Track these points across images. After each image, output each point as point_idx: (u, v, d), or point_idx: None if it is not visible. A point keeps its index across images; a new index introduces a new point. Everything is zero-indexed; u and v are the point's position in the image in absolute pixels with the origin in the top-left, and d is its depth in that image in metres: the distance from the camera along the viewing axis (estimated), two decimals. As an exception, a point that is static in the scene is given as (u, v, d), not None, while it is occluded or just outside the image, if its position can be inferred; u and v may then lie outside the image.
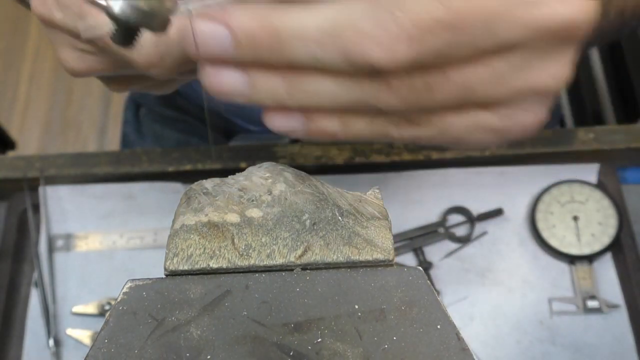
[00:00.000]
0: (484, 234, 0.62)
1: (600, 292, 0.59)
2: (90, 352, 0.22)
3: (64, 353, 0.59)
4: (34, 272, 0.61)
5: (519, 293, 0.59)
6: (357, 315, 0.23)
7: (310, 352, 0.21)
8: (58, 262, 0.62)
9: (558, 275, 0.60)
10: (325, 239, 0.26)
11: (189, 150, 0.62)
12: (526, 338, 0.58)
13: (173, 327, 0.22)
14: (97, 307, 0.59)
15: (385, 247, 0.26)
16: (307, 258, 0.25)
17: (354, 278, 0.24)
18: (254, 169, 0.29)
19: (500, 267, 0.61)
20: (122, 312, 0.23)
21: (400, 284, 0.24)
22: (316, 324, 0.22)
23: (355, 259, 0.25)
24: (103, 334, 0.22)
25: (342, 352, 0.21)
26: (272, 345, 0.22)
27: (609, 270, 0.60)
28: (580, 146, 0.62)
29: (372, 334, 0.22)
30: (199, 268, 0.25)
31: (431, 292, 0.23)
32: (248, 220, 0.26)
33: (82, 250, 0.62)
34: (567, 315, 0.58)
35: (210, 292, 0.23)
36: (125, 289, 0.24)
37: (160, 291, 0.23)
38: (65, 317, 0.60)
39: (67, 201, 0.63)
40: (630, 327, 0.58)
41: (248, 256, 0.25)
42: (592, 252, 0.59)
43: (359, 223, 0.27)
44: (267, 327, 0.22)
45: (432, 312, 0.23)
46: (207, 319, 0.22)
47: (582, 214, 0.61)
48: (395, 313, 0.23)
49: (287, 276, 0.24)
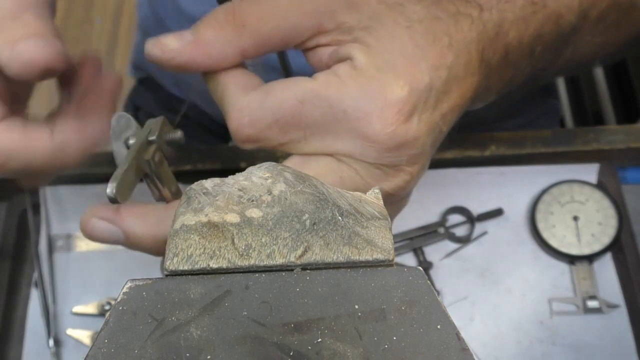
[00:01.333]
0: (484, 234, 0.62)
1: (600, 292, 0.59)
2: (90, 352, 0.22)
3: (64, 353, 0.59)
4: (34, 272, 0.61)
5: (519, 293, 0.59)
6: (357, 315, 0.23)
7: (310, 352, 0.21)
8: (58, 262, 0.62)
9: (558, 275, 0.60)
10: (325, 239, 0.26)
11: (189, 150, 0.62)
12: (526, 338, 0.58)
13: (173, 327, 0.22)
14: (97, 307, 0.59)
15: (385, 247, 0.26)
16: (307, 258, 0.25)
17: (354, 278, 0.24)
18: (253, 169, 0.29)
19: (500, 267, 0.61)
20: (122, 312, 0.23)
21: (400, 284, 0.24)
22: (316, 324, 0.22)
23: (355, 259, 0.25)
24: (103, 334, 0.22)
25: (342, 352, 0.21)
26: (272, 345, 0.22)
27: (609, 270, 0.60)
28: (580, 146, 0.62)
29: (372, 334, 0.22)
30: (199, 268, 0.25)
31: (431, 292, 0.23)
32: (248, 220, 0.26)
33: (82, 250, 0.62)
34: (567, 316, 0.58)
35: (210, 292, 0.23)
36: (125, 289, 0.24)
37: (160, 291, 0.23)
38: (65, 317, 0.60)
39: (67, 201, 0.63)
40: (630, 327, 0.58)
41: (248, 256, 0.25)
42: (592, 252, 0.59)
43: (359, 223, 0.27)
44: (267, 327, 0.22)
45: (432, 312, 0.23)
46: (207, 319, 0.22)
47: (582, 214, 0.61)
48: (395, 313, 0.23)
49: (287, 276, 0.24)
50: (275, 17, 0.34)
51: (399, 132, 0.33)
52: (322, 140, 0.34)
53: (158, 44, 0.35)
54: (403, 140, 0.33)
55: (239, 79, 0.35)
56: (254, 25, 0.34)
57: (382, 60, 0.33)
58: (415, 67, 0.33)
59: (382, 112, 0.32)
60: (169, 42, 0.34)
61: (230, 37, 0.34)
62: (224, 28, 0.34)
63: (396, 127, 0.33)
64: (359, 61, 0.33)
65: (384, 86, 0.33)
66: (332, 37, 0.35)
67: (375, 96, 0.32)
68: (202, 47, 0.34)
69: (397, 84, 0.33)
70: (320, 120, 0.33)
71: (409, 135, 0.33)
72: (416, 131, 0.33)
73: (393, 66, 0.33)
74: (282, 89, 0.34)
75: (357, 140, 0.33)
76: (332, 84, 0.33)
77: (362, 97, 0.33)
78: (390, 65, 0.33)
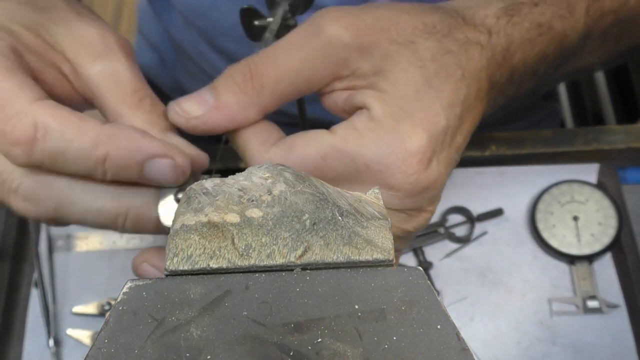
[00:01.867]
0: (484, 234, 0.62)
1: (600, 292, 0.59)
2: (90, 352, 0.22)
3: (64, 353, 0.59)
4: (34, 272, 0.61)
5: (519, 293, 0.59)
6: (357, 315, 0.23)
7: (310, 352, 0.21)
8: (58, 262, 0.62)
9: (558, 275, 0.60)
10: (325, 239, 0.26)
11: (189, 150, 0.62)
12: (526, 338, 0.58)
13: (173, 327, 0.22)
14: (97, 307, 0.59)
15: (385, 247, 0.26)
16: (307, 258, 0.25)
17: (354, 278, 0.24)
18: (253, 169, 0.29)
19: (500, 267, 0.61)
20: (122, 312, 0.23)
21: (400, 284, 0.24)
22: (316, 324, 0.22)
23: (355, 259, 0.25)
24: (103, 334, 0.22)
25: (342, 352, 0.21)
26: (272, 345, 0.22)
27: (609, 270, 0.60)
28: (580, 146, 0.62)
29: (372, 334, 0.22)
30: (199, 268, 0.25)
31: (431, 292, 0.23)
32: (248, 220, 0.26)
33: (82, 250, 0.62)
34: (567, 316, 0.58)
35: (210, 292, 0.23)
36: (125, 289, 0.24)
37: (160, 291, 0.23)
38: (65, 317, 0.60)
39: (67, 201, 0.62)
40: (630, 327, 0.58)
41: (248, 256, 0.25)
42: (592, 252, 0.59)
43: (359, 223, 0.27)
44: (267, 327, 0.22)
45: (432, 312, 0.23)
46: (207, 319, 0.22)
47: (582, 214, 0.61)
48: (395, 313, 0.23)
49: (287, 276, 0.24)
50: (291, 73, 0.35)
51: (421, 180, 0.34)
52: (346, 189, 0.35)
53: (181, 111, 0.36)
54: (425, 186, 0.34)
55: (260, 135, 0.36)
56: (272, 84, 0.35)
57: (398, 108, 0.34)
58: (431, 111, 0.34)
59: (403, 163, 0.33)
60: (191, 109, 0.35)
61: (251, 100, 0.35)
62: (244, 92, 0.35)
63: (418, 175, 0.34)
64: (376, 111, 0.34)
65: (403, 137, 0.33)
66: (347, 83, 0.36)
67: (395, 148, 0.33)
68: (225, 112, 0.35)
69: (416, 132, 0.33)
70: (344, 173, 0.35)
71: (430, 179, 0.34)
72: (436, 174, 0.34)
73: (409, 114, 0.34)
74: (303, 145, 0.35)
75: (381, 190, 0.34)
76: (351, 138, 0.34)
77: (382, 149, 0.33)
78: (406, 113, 0.34)
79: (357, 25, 0.34)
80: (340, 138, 0.34)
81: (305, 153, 0.34)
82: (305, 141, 0.35)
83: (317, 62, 0.35)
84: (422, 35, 0.35)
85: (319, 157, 0.34)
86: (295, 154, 0.35)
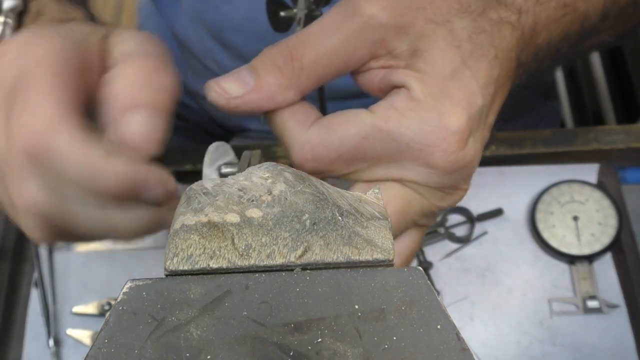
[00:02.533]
0: (484, 234, 0.62)
1: (600, 292, 0.59)
2: (90, 352, 0.22)
3: (64, 353, 0.59)
4: (34, 272, 0.61)
5: (519, 293, 0.59)
6: (357, 315, 0.23)
7: (310, 352, 0.21)
8: (58, 262, 0.62)
9: (558, 275, 0.60)
10: (325, 239, 0.26)
11: (189, 150, 0.62)
12: (526, 338, 0.58)
13: (173, 327, 0.22)
14: (97, 307, 0.59)
15: (385, 247, 0.26)
16: (307, 258, 0.25)
17: (354, 278, 0.24)
18: (253, 169, 0.29)
19: (500, 267, 0.61)
20: (122, 312, 0.23)
21: (400, 284, 0.24)
22: (316, 324, 0.22)
23: (355, 259, 0.25)
24: (103, 334, 0.22)
25: (342, 352, 0.21)
26: (272, 345, 0.22)
27: (609, 270, 0.60)
28: (580, 146, 0.62)
29: (372, 334, 0.22)
30: (199, 268, 0.25)
31: (431, 292, 0.23)
32: (248, 220, 0.26)
33: (82, 250, 0.62)
34: (567, 316, 0.58)
35: (210, 292, 0.23)
36: (125, 289, 0.24)
37: (160, 291, 0.23)
38: (65, 317, 0.60)
39: (67, 201, 0.63)
40: (630, 327, 0.58)
41: (248, 256, 0.25)
42: (592, 252, 0.59)
43: (359, 223, 0.27)
44: (267, 327, 0.22)
45: (432, 312, 0.23)
46: (207, 319, 0.22)
47: (582, 214, 0.61)
48: (395, 313, 0.23)
49: (287, 276, 0.24)
50: (329, 55, 0.35)
51: (459, 158, 0.34)
52: (386, 169, 0.36)
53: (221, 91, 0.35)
54: (463, 164, 0.35)
55: (297, 114, 0.36)
56: (311, 66, 0.35)
57: (437, 89, 0.34)
58: (469, 90, 0.34)
59: (443, 142, 0.34)
60: (231, 89, 0.35)
61: (291, 81, 0.35)
62: (284, 74, 0.35)
63: (457, 154, 0.34)
64: (415, 91, 0.34)
65: (443, 116, 0.34)
66: (383, 62, 0.36)
67: (436, 128, 0.34)
68: (266, 93, 0.35)
69: (455, 112, 0.34)
70: (384, 153, 0.35)
71: (468, 158, 0.35)
72: (473, 152, 0.35)
73: (448, 94, 0.34)
74: (343, 124, 0.35)
75: (420, 168, 0.35)
76: (392, 118, 0.34)
77: (423, 129, 0.34)
78: (445, 93, 0.34)
79: (394, 5, 0.35)
80: (381, 118, 0.34)
81: (345, 133, 0.35)
82: (345, 120, 0.35)
83: (355, 43, 0.35)
84: (457, 15, 0.35)
85: (360, 137, 0.34)
86: (335, 134, 0.35)
